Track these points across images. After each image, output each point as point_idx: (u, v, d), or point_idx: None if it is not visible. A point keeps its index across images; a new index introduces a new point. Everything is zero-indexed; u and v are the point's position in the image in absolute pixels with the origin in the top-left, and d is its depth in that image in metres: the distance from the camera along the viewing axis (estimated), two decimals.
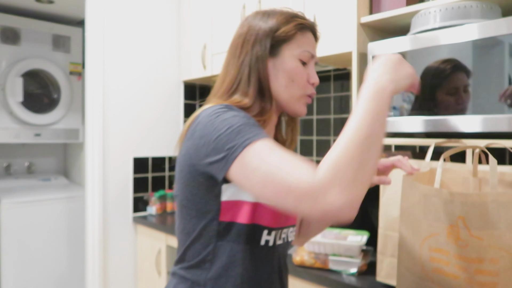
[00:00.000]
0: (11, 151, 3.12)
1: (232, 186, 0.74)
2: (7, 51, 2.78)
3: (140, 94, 2.27)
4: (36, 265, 2.69)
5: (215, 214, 0.75)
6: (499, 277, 0.67)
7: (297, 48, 0.82)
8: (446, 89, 1.15)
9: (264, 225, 0.77)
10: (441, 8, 1.19)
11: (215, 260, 0.77)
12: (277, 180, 0.60)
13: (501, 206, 0.66)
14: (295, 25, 0.82)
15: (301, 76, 0.83)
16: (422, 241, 0.78)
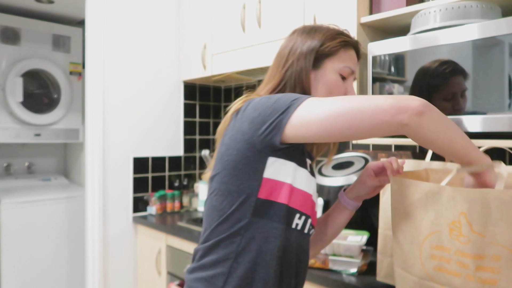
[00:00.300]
0: (11, 151, 3.12)
1: (275, 163, 0.79)
2: (7, 51, 2.78)
3: (140, 94, 2.27)
4: (36, 265, 2.69)
5: (255, 190, 0.79)
6: (500, 274, 0.67)
7: (339, 63, 0.90)
8: (443, 95, 1.15)
9: (297, 208, 0.82)
10: (441, 8, 1.19)
11: (247, 234, 0.80)
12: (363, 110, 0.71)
13: (503, 204, 0.66)
14: (339, 42, 0.90)
15: (339, 89, 0.90)
16: (423, 239, 0.78)
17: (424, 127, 0.69)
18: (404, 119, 0.68)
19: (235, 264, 0.80)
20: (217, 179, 0.84)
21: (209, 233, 0.83)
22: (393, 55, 1.28)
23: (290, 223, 0.81)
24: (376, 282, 1.20)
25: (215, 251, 0.82)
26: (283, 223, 0.80)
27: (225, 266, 0.80)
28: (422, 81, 1.20)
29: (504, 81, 1.03)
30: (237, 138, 0.80)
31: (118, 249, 2.19)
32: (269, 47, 1.84)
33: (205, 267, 0.82)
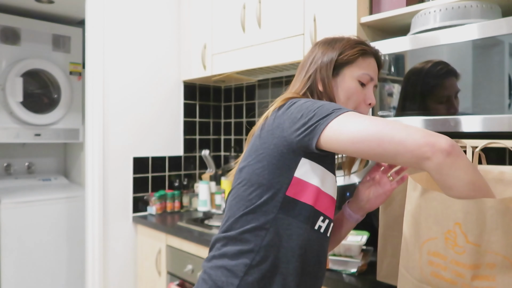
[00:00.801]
0: (11, 151, 3.12)
1: (307, 165, 0.82)
2: (7, 51, 2.78)
3: (140, 94, 2.27)
4: (36, 265, 2.69)
5: (284, 187, 0.82)
6: (496, 281, 0.67)
7: (358, 71, 0.93)
8: (438, 97, 1.15)
9: (321, 211, 0.85)
10: (441, 8, 1.19)
11: (272, 229, 0.82)
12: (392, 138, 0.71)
13: (499, 213, 0.65)
14: (357, 50, 0.93)
15: (358, 95, 0.93)
16: (422, 244, 0.77)
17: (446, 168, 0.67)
18: (427, 153, 0.67)
19: (257, 256, 0.82)
20: (247, 170, 0.86)
21: (233, 221, 0.85)
22: (393, 55, 1.28)
23: (314, 224, 0.84)
24: (376, 282, 1.20)
25: (239, 241, 0.84)
26: (307, 223, 0.83)
27: (247, 257, 0.82)
28: (414, 86, 1.20)
29: (504, 81, 1.03)
30: (275, 134, 0.83)
31: (118, 249, 2.19)
32: (269, 47, 1.84)
33: (227, 256, 0.84)
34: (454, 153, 0.66)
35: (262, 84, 2.42)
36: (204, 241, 1.74)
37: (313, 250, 0.86)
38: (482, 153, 1.01)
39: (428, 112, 1.19)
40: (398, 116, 1.26)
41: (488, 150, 1.03)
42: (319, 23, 1.62)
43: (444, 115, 1.16)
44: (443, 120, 1.15)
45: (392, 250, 1.13)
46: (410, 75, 1.23)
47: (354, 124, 0.75)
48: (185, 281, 1.89)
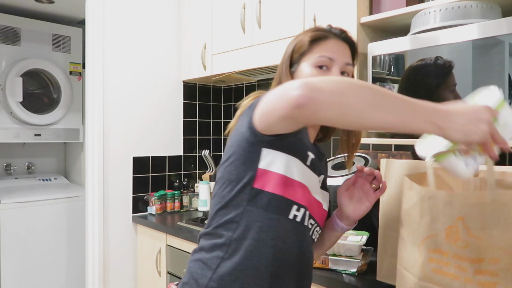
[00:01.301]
0: (11, 151, 3.12)
1: (270, 155, 0.82)
2: (7, 51, 2.78)
3: (140, 94, 2.27)
4: (36, 265, 2.69)
5: (250, 180, 0.82)
6: (498, 277, 0.67)
7: (312, 57, 0.91)
8: (449, 87, 1.15)
9: (293, 199, 0.83)
10: (441, 8, 1.19)
11: (242, 222, 0.83)
12: None
13: (500, 206, 0.66)
14: (308, 38, 0.92)
15: None
16: (421, 242, 0.77)
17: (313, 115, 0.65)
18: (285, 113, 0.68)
19: (229, 249, 0.82)
20: (221, 169, 0.88)
21: (211, 218, 0.88)
22: (393, 55, 1.28)
23: (287, 214, 0.83)
24: (376, 282, 1.20)
25: (213, 235, 0.85)
26: (278, 214, 0.82)
27: (221, 250, 0.83)
28: (414, 80, 1.20)
29: (504, 81, 1.04)
30: (237, 130, 0.85)
31: (118, 249, 2.19)
32: (269, 47, 1.84)
33: (203, 249, 0.86)
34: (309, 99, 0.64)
35: (262, 84, 2.42)
36: None
37: (291, 240, 0.84)
38: None
39: None
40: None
41: None
42: (319, 23, 1.62)
43: None
44: None
45: (392, 250, 1.13)
46: (408, 74, 1.23)
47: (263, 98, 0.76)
48: None
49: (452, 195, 0.71)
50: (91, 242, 2.11)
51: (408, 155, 1.60)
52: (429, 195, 0.75)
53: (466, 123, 0.68)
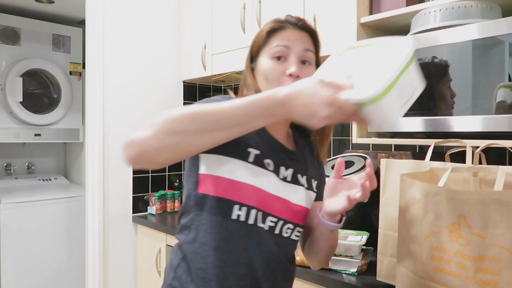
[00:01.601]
0: (11, 151, 3.12)
1: (206, 159, 0.84)
2: (7, 51, 2.78)
3: (140, 94, 2.27)
4: (36, 265, 2.69)
5: (195, 186, 0.86)
6: (500, 275, 0.67)
7: (269, 48, 0.89)
8: (447, 84, 1.16)
9: (232, 199, 0.83)
10: (441, 8, 1.19)
11: (192, 227, 0.86)
12: None
13: (503, 205, 0.66)
14: (264, 30, 0.90)
15: (274, 72, 0.87)
16: (424, 239, 0.78)
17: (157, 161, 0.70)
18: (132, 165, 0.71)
19: (182, 254, 0.87)
20: None
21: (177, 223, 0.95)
22: None
23: (229, 214, 0.83)
24: (376, 282, 1.20)
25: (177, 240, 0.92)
26: (218, 215, 0.83)
27: (178, 254, 0.88)
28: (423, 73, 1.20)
29: (504, 81, 1.03)
30: None
31: (118, 249, 2.19)
32: None
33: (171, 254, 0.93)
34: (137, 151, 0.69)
35: None
36: None
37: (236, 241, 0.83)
38: (482, 153, 1.01)
39: (427, 109, 1.19)
40: None
41: (488, 150, 1.03)
42: (319, 23, 1.62)
43: (443, 108, 1.16)
44: (443, 120, 1.15)
45: (392, 250, 1.13)
46: None
47: None
48: None
49: (456, 191, 0.71)
50: (91, 242, 2.11)
51: (408, 155, 1.60)
52: (434, 191, 0.75)
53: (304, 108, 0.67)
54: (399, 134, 1.31)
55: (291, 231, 0.90)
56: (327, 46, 1.58)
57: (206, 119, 0.67)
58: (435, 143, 1.05)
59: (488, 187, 0.87)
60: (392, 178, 1.10)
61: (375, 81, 0.62)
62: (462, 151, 1.02)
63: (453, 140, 1.04)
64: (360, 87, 0.65)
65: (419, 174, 0.94)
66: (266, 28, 0.91)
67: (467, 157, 0.98)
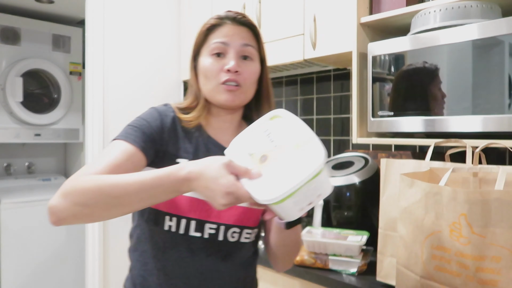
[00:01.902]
0: (11, 151, 3.12)
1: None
2: (7, 51, 2.78)
3: (140, 94, 2.27)
4: (36, 265, 2.69)
5: None
6: (501, 275, 0.67)
7: (208, 46, 0.88)
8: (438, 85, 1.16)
9: (165, 210, 0.84)
10: (441, 8, 1.19)
11: (134, 235, 0.91)
12: None
13: (504, 204, 0.66)
14: (203, 30, 0.89)
15: (212, 68, 0.87)
16: (424, 239, 0.78)
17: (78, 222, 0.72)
18: None
19: (130, 260, 0.92)
20: None
21: None
22: (393, 55, 1.28)
23: (161, 225, 0.85)
24: (376, 282, 1.20)
25: None
26: (152, 224, 0.87)
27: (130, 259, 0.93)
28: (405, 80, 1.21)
29: (504, 81, 1.03)
30: None
31: (118, 248, 2.19)
32: (269, 47, 1.83)
33: None
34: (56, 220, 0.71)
35: None
36: None
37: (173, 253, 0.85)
38: (482, 153, 1.01)
39: (427, 109, 1.19)
40: (397, 116, 1.26)
41: (488, 150, 1.03)
42: (319, 23, 1.62)
43: (436, 107, 1.16)
44: (443, 120, 1.15)
45: (392, 250, 1.13)
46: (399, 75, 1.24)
47: None
48: None
49: (456, 190, 0.71)
50: (91, 242, 2.11)
51: (408, 155, 1.60)
52: (434, 191, 0.75)
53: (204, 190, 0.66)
54: (399, 134, 1.31)
55: (238, 234, 0.88)
56: (327, 46, 1.59)
57: (112, 194, 0.68)
58: (435, 143, 1.05)
59: (488, 187, 0.87)
60: (392, 178, 1.10)
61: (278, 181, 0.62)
62: (462, 151, 1.02)
63: (453, 140, 1.04)
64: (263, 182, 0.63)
65: (419, 173, 0.94)
66: (205, 26, 0.89)
67: (467, 157, 0.98)
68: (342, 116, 1.94)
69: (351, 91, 1.88)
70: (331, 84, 1.98)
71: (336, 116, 1.96)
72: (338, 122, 1.96)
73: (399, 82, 1.27)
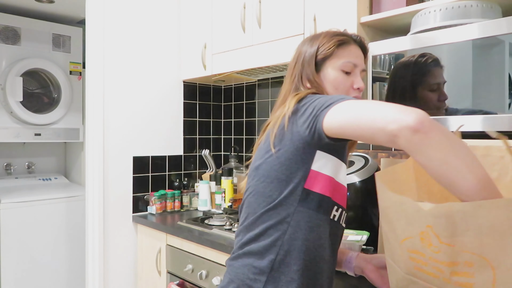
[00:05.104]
0: (11, 151, 3.12)
1: (323, 158, 0.86)
2: (7, 51, 2.78)
3: (140, 94, 2.27)
4: (36, 265, 2.69)
5: (302, 180, 0.85)
6: (474, 277, 0.67)
7: (338, 61, 0.97)
8: (429, 85, 1.16)
9: (336, 201, 0.88)
10: (441, 8, 1.19)
11: (293, 223, 0.85)
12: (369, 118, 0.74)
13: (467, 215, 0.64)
14: (334, 42, 0.97)
15: (344, 84, 0.97)
16: (401, 241, 0.77)
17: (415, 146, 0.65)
18: (394, 130, 0.67)
19: (281, 251, 0.85)
20: (265, 167, 0.89)
21: (255, 218, 0.88)
22: (393, 54, 1.28)
23: (330, 214, 0.88)
24: None
25: (262, 238, 0.87)
26: (325, 214, 0.87)
27: (272, 253, 0.85)
28: (403, 78, 1.20)
29: (504, 81, 1.03)
30: (292, 130, 0.87)
31: (118, 248, 2.19)
32: (269, 47, 1.84)
33: (252, 253, 0.87)
34: (423, 130, 0.64)
35: (262, 83, 2.42)
36: (205, 240, 1.74)
37: (327, 239, 0.89)
38: None
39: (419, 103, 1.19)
40: None
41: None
42: (319, 23, 1.62)
43: (436, 103, 1.16)
44: (443, 120, 1.15)
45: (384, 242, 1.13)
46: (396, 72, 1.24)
47: (342, 111, 0.78)
48: (185, 281, 1.89)
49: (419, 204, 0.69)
50: (91, 241, 2.11)
51: (408, 155, 1.60)
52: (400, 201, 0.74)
53: None
54: None
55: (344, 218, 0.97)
56: None
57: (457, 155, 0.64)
58: None
59: None
60: (392, 177, 1.10)
61: None
62: None
63: None
64: None
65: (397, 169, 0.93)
66: (334, 40, 0.98)
67: None
68: None
69: None
70: None
71: None
72: None
73: (398, 82, 1.27)
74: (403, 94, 1.23)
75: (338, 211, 0.90)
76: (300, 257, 0.85)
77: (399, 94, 1.25)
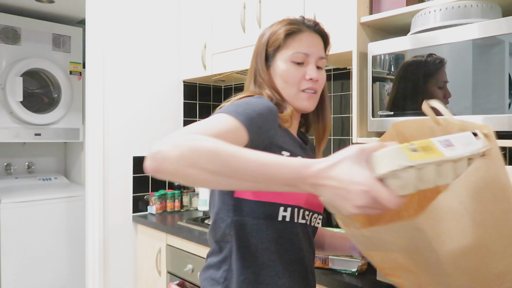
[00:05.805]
0: (11, 151, 3.12)
1: None
2: (7, 51, 2.78)
3: (140, 94, 2.27)
4: (36, 265, 2.69)
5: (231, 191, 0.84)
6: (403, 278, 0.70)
7: (287, 51, 0.91)
8: (437, 82, 1.16)
9: (281, 202, 0.84)
10: (441, 8, 1.19)
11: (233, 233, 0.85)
12: None
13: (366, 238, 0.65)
14: (282, 32, 0.91)
15: (293, 75, 0.91)
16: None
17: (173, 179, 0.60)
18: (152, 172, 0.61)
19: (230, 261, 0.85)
20: None
21: (209, 233, 0.91)
22: (393, 54, 1.28)
23: (275, 217, 0.84)
24: (376, 281, 1.20)
25: (216, 252, 0.89)
26: (263, 218, 0.84)
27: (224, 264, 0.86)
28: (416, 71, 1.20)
29: (504, 81, 1.03)
30: None
31: (118, 248, 2.19)
32: None
33: (210, 266, 0.90)
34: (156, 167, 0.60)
35: None
36: (205, 240, 1.75)
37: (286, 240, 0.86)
38: None
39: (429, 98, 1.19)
40: (397, 116, 1.26)
41: None
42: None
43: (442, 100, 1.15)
44: None
45: None
46: (401, 73, 1.24)
47: None
48: (185, 281, 1.89)
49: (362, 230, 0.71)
50: (91, 241, 2.11)
51: None
52: None
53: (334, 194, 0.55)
54: None
55: (318, 220, 0.95)
56: None
57: (227, 163, 0.58)
58: None
59: None
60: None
61: None
62: None
63: None
64: None
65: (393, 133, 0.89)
66: (283, 29, 0.91)
67: None
68: (342, 115, 1.94)
69: (351, 91, 1.88)
70: (331, 83, 1.98)
71: (336, 115, 1.96)
72: (338, 122, 1.95)
73: (399, 82, 1.27)
74: (415, 89, 1.23)
75: (288, 211, 0.84)
76: (245, 265, 0.84)
77: (411, 89, 1.24)
